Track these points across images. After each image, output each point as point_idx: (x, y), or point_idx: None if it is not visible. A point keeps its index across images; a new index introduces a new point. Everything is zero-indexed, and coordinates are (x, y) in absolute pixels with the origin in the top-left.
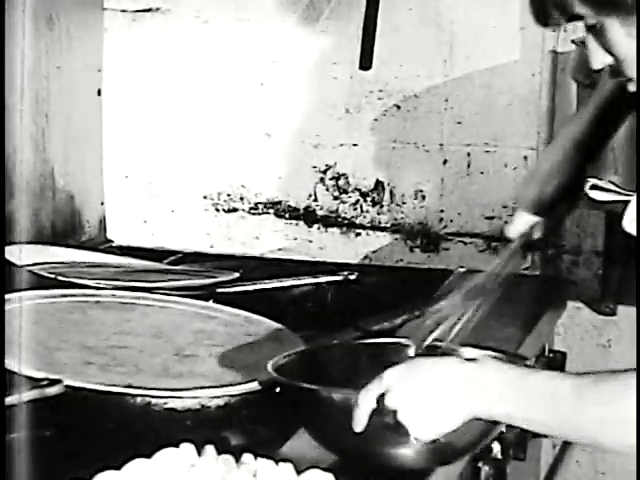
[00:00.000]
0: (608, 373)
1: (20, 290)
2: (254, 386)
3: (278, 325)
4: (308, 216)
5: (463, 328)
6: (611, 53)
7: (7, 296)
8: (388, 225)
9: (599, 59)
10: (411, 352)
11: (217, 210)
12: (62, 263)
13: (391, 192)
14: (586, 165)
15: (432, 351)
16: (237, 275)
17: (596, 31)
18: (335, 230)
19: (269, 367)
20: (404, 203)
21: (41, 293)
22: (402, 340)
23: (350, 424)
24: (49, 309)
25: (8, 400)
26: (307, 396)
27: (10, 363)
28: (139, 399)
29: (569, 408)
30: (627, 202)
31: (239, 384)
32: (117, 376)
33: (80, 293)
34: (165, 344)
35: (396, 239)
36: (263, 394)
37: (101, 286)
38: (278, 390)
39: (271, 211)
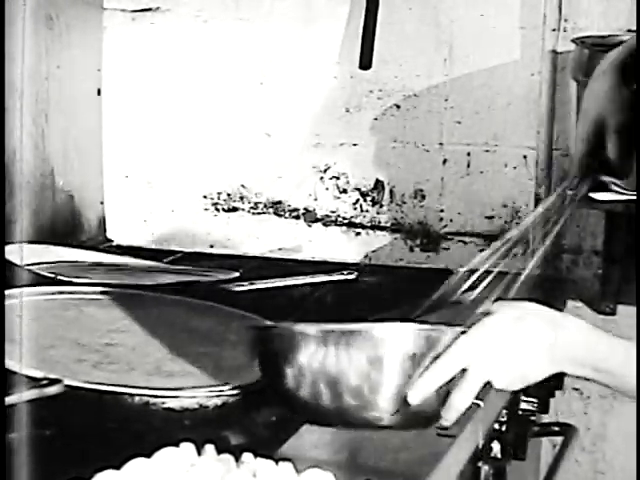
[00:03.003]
0: None
1: (18, 287)
2: (252, 385)
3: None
4: (308, 216)
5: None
6: None
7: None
8: (388, 225)
9: None
10: None
11: (217, 210)
12: (62, 262)
13: (391, 191)
14: None
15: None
16: (237, 274)
17: None
18: (335, 229)
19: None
20: (404, 203)
21: (37, 290)
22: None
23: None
24: (44, 306)
25: (8, 400)
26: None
27: (6, 360)
28: (137, 398)
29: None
30: (627, 202)
31: (236, 383)
32: (109, 374)
33: (77, 290)
34: (160, 343)
35: (396, 239)
36: (262, 393)
37: (98, 283)
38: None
39: (271, 211)
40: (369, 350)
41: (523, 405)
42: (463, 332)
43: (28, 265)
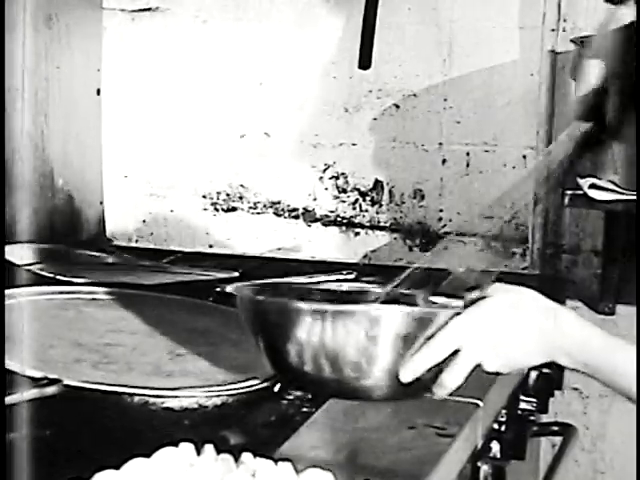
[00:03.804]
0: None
1: (17, 287)
2: (251, 385)
3: None
4: (307, 215)
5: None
6: None
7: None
8: (387, 224)
9: None
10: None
11: (216, 209)
12: (62, 262)
13: (390, 191)
14: None
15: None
16: (236, 274)
17: None
18: (334, 229)
19: (229, 288)
20: (403, 202)
21: (37, 290)
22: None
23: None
24: (44, 306)
25: (8, 400)
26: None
27: (6, 360)
28: (136, 398)
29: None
30: (627, 202)
31: (236, 383)
32: (108, 374)
33: (76, 290)
34: (159, 343)
35: (395, 238)
36: (262, 393)
37: (97, 283)
38: (276, 389)
39: (270, 210)
40: (364, 328)
41: (522, 405)
42: (457, 314)
43: (28, 265)
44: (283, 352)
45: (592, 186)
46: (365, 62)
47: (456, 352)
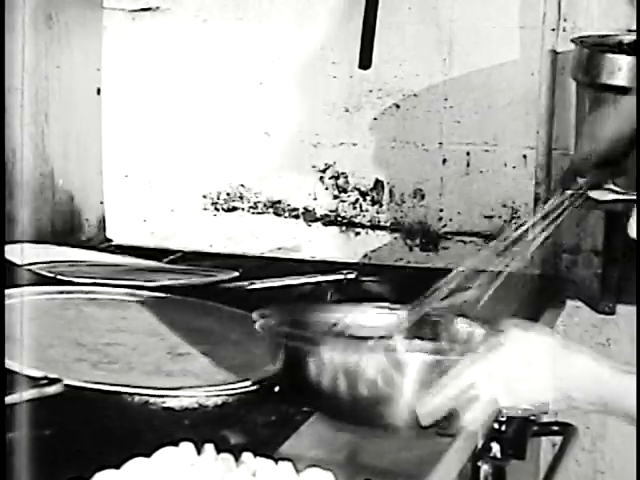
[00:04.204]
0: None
1: (17, 287)
2: (250, 385)
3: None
4: (307, 215)
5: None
6: None
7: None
8: (387, 224)
9: None
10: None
11: (216, 209)
12: (62, 262)
13: (390, 191)
14: None
15: (425, 321)
16: (236, 274)
17: None
18: (334, 229)
19: (254, 316)
20: (403, 202)
21: (37, 290)
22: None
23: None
24: (44, 306)
25: (8, 399)
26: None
27: (6, 360)
28: (137, 398)
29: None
30: (627, 202)
31: (235, 383)
32: (108, 374)
33: (77, 290)
34: (159, 342)
35: (395, 238)
36: (262, 392)
37: (97, 283)
38: (277, 389)
39: (270, 210)
40: (384, 373)
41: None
42: (473, 355)
43: (28, 265)
44: (304, 390)
45: (592, 186)
46: (365, 62)
47: (473, 393)
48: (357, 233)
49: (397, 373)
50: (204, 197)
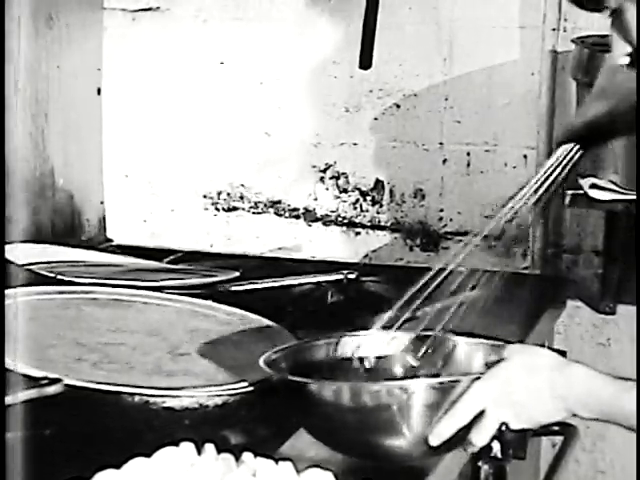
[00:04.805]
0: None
1: (17, 287)
2: (250, 385)
3: (272, 323)
4: (308, 215)
5: (453, 315)
6: (629, 41)
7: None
8: (388, 224)
9: (619, 50)
10: (401, 345)
11: (217, 209)
12: (62, 262)
13: (391, 191)
14: None
15: (424, 340)
16: (237, 274)
17: (617, 17)
18: (335, 229)
19: (261, 362)
20: (404, 202)
21: (37, 289)
22: (393, 333)
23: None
24: (44, 305)
25: (8, 399)
26: (299, 390)
27: (6, 360)
28: (137, 398)
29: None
30: (627, 202)
31: (235, 383)
32: (108, 374)
33: (77, 290)
34: (160, 342)
35: (396, 238)
36: (262, 392)
37: (97, 283)
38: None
39: (271, 210)
40: (392, 404)
41: None
42: (478, 378)
43: (28, 265)
44: (311, 425)
45: (592, 186)
46: (366, 62)
47: (481, 413)
48: (357, 233)
49: (403, 403)
50: (204, 197)
